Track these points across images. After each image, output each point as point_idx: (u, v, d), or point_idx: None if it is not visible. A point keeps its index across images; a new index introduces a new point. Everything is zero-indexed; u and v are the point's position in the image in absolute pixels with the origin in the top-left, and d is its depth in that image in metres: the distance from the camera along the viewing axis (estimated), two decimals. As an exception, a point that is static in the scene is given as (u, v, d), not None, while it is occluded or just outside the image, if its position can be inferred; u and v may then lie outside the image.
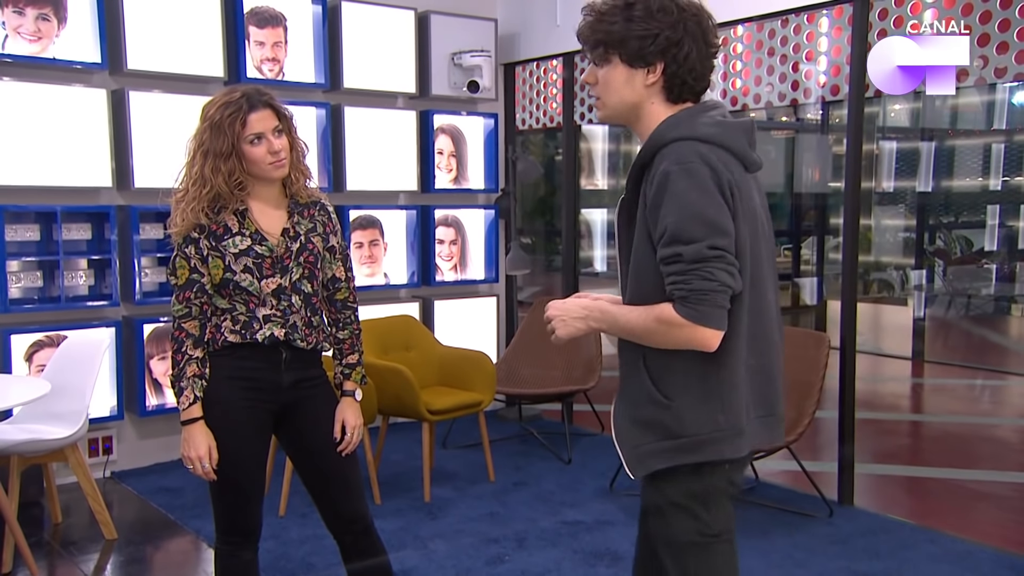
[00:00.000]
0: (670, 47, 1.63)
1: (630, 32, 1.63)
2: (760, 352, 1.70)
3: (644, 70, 1.66)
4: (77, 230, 4.24)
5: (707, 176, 1.57)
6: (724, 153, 1.62)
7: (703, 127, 1.62)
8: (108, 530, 3.60)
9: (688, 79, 1.66)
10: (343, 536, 2.33)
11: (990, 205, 9.69)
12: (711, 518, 1.72)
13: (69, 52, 4.10)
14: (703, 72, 1.68)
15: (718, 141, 1.62)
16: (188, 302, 2.16)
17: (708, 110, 1.68)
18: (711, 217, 1.55)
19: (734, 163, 1.63)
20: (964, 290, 9.40)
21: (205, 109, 2.15)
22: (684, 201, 1.56)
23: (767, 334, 1.71)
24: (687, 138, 1.61)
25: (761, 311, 1.69)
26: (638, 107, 1.70)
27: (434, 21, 5.13)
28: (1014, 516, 4.17)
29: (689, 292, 1.55)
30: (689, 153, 1.59)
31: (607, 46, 1.68)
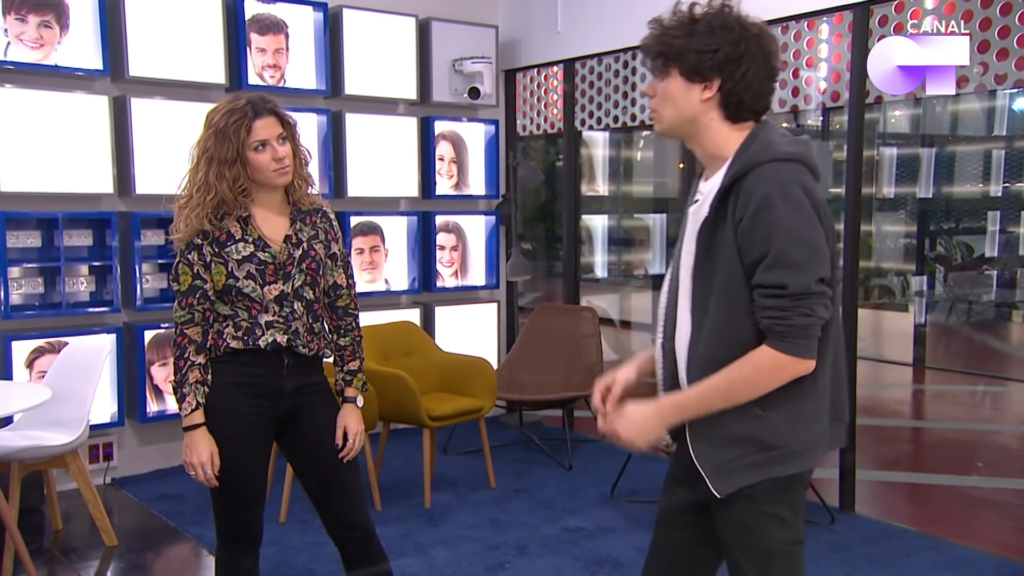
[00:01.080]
0: (728, 63, 1.64)
1: (690, 46, 1.65)
2: (835, 362, 1.71)
3: (701, 85, 1.66)
4: (78, 236, 4.24)
5: (804, 199, 1.58)
6: (805, 170, 1.63)
7: (788, 146, 1.64)
8: (108, 537, 3.60)
9: (745, 97, 1.66)
10: (344, 543, 2.33)
11: (991, 211, 9.69)
12: (799, 524, 1.72)
13: (71, 59, 4.11)
14: (761, 92, 1.68)
15: (801, 158, 1.63)
16: (191, 308, 2.16)
17: (776, 129, 1.69)
18: (813, 240, 1.57)
19: (811, 178, 1.64)
20: (965, 296, 9.39)
21: (210, 116, 2.15)
22: (786, 224, 1.56)
23: (839, 343, 1.73)
24: (779, 159, 1.61)
25: (838, 326, 1.72)
26: (694, 122, 1.70)
27: (435, 28, 5.14)
28: (1016, 523, 4.16)
29: (789, 328, 1.56)
30: (785, 175, 1.60)
31: (667, 58, 1.68)
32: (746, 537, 1.72)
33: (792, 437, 1.65)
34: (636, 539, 3.60)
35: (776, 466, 1.66)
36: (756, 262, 1.58)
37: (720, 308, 1.64)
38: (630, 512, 3.93)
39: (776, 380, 1.59)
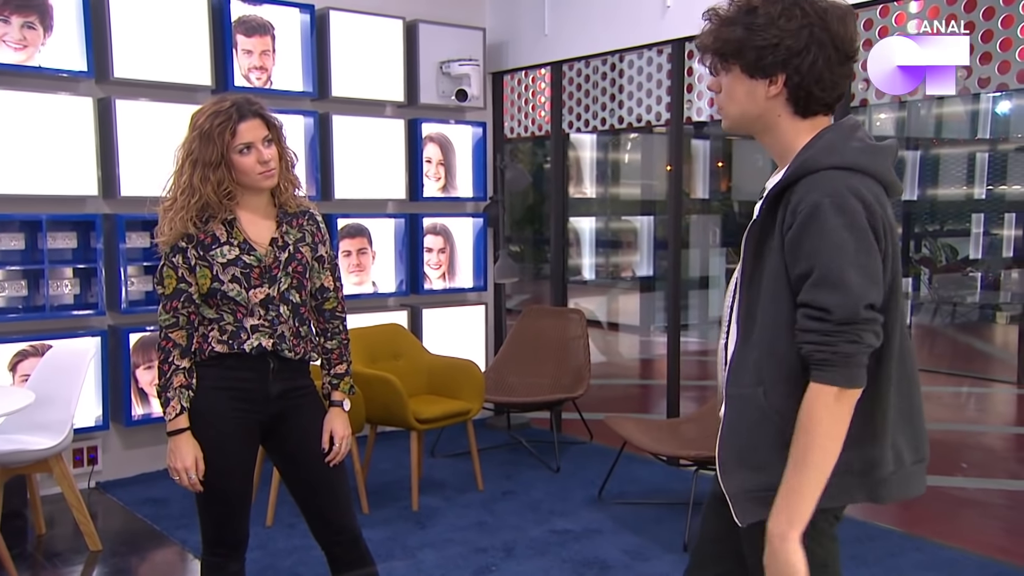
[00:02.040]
0: (791, 57, 1.50)
1: (749, 41, 1.52)
2: (904, 393, 1.57)
3: (765, 81, 1.53)
4: (62, 239, 4.21)
5: (861, 214, 1.43)
6: (874, 183, 1.49)
7: (856, 154, 1.49)
8: (92, 541, 3.57)
9: (815, 90, 1.52)
10: (331, 547, 2.32)
11: (975, 213, 9.78)
12: (833, 566, 1.61)
13: (55, 60, 4.08)
14: (834, 82, 1.53)
15: (870, 170, 1.49)
16: (175, 312, 2.15)
17: (855, 130, 1.54)
18: (864, 262, 1.42)
19: (881, 192, 1.50)
20: (949, 298, 9.47)
21: (194, 118, 2.14)
22: (836, 241, 1.42)
23: (908, 371, 1.58)
24: (841, 167, 1.47)
25: (906, 350, 1.56)
26: (763, 119, 1.57)
27: (422, 30, 5.14)
28: (999, 523, 4.19)
29: (832, 355, 1.41)
30: (843, 186, 1.44)
31: (725, 56, 1.56)
32: None
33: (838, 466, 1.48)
34: (623, 541, 3.61)
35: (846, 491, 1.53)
36: (801, 277, 1.45)
37: (765, 320, 1.53)
38: (618, 514, 3.93)
39: (839, 416, 1.43)
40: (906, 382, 1.57)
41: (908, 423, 1.58)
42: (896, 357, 1.53)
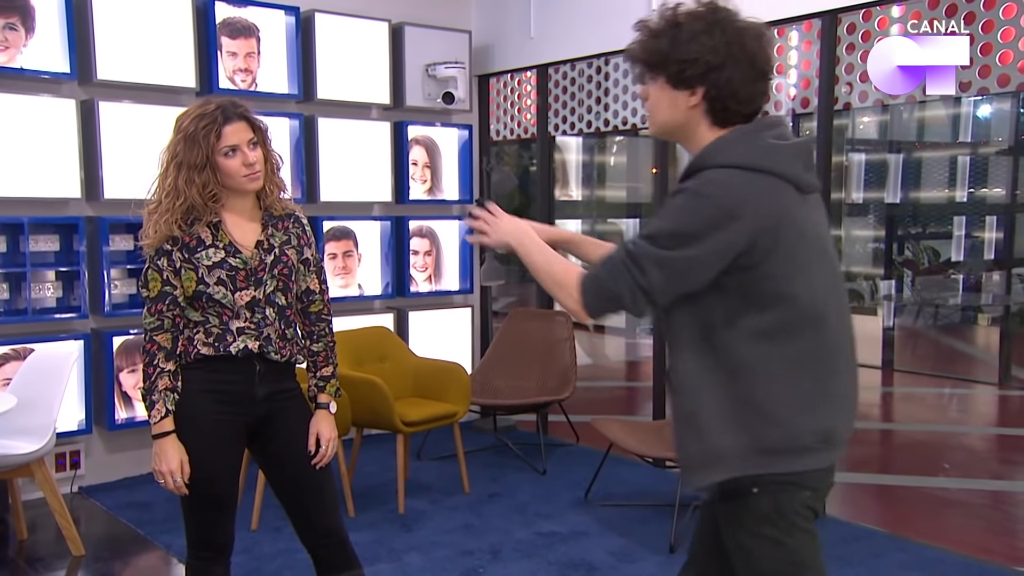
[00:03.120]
0: (710, 72, 1.60)
1: (673, 54, 1.62)
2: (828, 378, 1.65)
3: (686, 92, 1.63)
4: (45, 241, 4.18)
5: (720, 207, 1.54)
6: (770, 180, 1.57)
7: (747, 153, 1.59)
8: (75, 546, 3.54)
9: (731, 103, 1.62)
10: (318, 550, 2.32)
11: (956, 216, 9.86)
12: (797, 545, 1.67)
13: (37, 62, 4.05)
14: (749, 96, 1.63)
15: (763, 168, 1.57)
16: (160, 314, 2.14)
17: (762, 131, 1.63)
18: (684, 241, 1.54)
19: (784, 189, 1.58)
20: (932, 300, 9.54)
21: (179, 120, 2.13)
22: (676, 215, 1.57)
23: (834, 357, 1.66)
24: (728, 165, 1.58)
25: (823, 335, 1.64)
26: (684, 128, 1.68)
27: (408, 33, 5.13)
28: (982, 523, 4.23)
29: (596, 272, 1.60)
30: (714, 181, 1.56)
31: (651, 67, 1.67)
32: (747, 562, 1.69)
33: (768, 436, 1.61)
34: (610, 543, 3.62)
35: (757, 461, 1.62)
36: None
37: (672, 309, 1.66)
38: (604, 516, 3.94)
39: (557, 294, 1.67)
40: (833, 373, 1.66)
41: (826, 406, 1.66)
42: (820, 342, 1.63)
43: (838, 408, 1.67)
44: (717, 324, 1.60)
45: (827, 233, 1.72)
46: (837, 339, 1.66)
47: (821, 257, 1.64)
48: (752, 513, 1.65)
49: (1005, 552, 3.73)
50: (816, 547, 1.70)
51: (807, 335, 1.61)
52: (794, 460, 1.62)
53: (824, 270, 1.64)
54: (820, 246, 1.64)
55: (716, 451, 1.62)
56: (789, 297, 1.58)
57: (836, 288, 1.69)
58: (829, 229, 1.76)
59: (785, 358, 1.60)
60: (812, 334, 1.62)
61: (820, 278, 1.63)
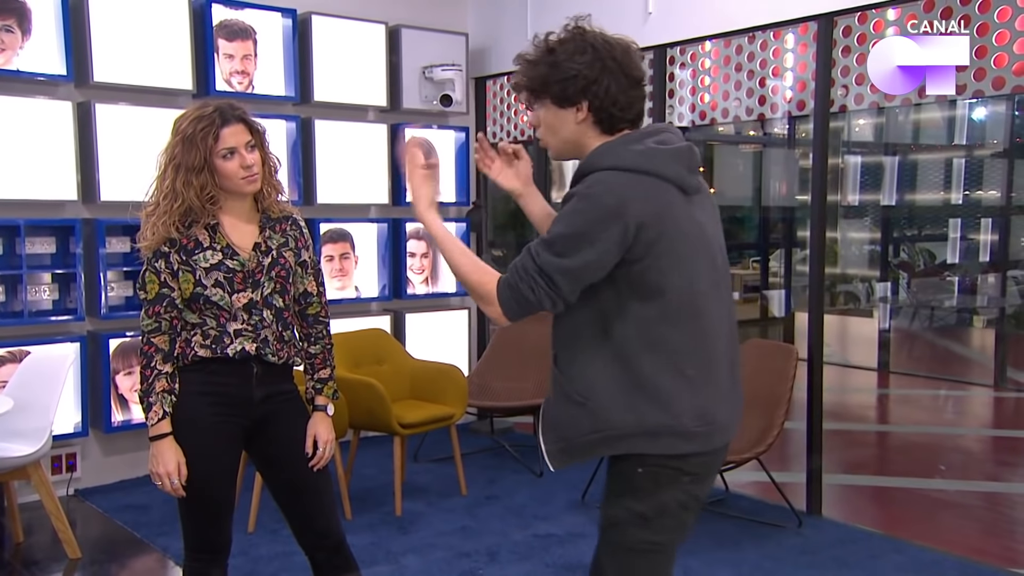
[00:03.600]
0: (589, 85, 1.76)
1: (553, 76, 1.78)
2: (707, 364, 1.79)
3: (572, 109, 1.79)
4: (41, 244, 4.17)
5: (603, 205, 1.68)
6: (651, 180, 1.71)
7: (629, 156, 1.73)
8: (72, 549, 3.53)
9: (614, 112, 1.78)
10: (315, 552, 2.31)
11: (952, 218, 9.87)
12: (662, 526, 1.81)
13: (34, 64, 4.04)
14: (629, 102, 1.79)
15: (644, 169, 1.71)
16: (158, 316, 2.14)
17: (644, 137, 1.78)
18: (580, 244, 1.67)
19: (665, 188, 1.72)
20: (928, 302, 9.55)
21: (177, 123, 2.14)
22: (571, 219, 1.70)
23: (712, 348, 1.79)
24: (610, 168, 1.72)
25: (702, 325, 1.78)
26: (579, 141, 1.82)
27: (405, 35, 5.14)
28: (978, 525, 4.24)
29: (515, 285, 1.73)
30: (597, 182, 1.71)
31: (535, 92, 1.83)
32: (609, 530, 1.85)
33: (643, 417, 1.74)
34: (607, 545, 3.61)
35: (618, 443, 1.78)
36: None
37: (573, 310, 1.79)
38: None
39: (476, 301, 1.81)
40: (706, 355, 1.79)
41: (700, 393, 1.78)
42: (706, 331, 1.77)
43: (718, 395, 1.80)
44: (610, 313, 1.75)
45: (714, 231, 1.84)
46: (716, 330, 1.80)
47: (702, 252, 1.78)
48: (630, 490, 1.80)
49: (1001, 554, 3.74)
50: (679, 536, 1.84)
51: (688, 325, 1.75)
52: (677, 442, 1.76)
53: (705, 265, 1.78)
54: (703, 242, 1.78)
55: (608, 430, 1.77)
56: (671, 289, 1.72)
57: (717, 282, 1.82)
58: (719, 227, 1.88)
59: (669, 345, 1.74)
60: (693, 324, 1.76)
61: (701, 272, 1.77)
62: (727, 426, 1.83)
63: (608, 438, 1.78)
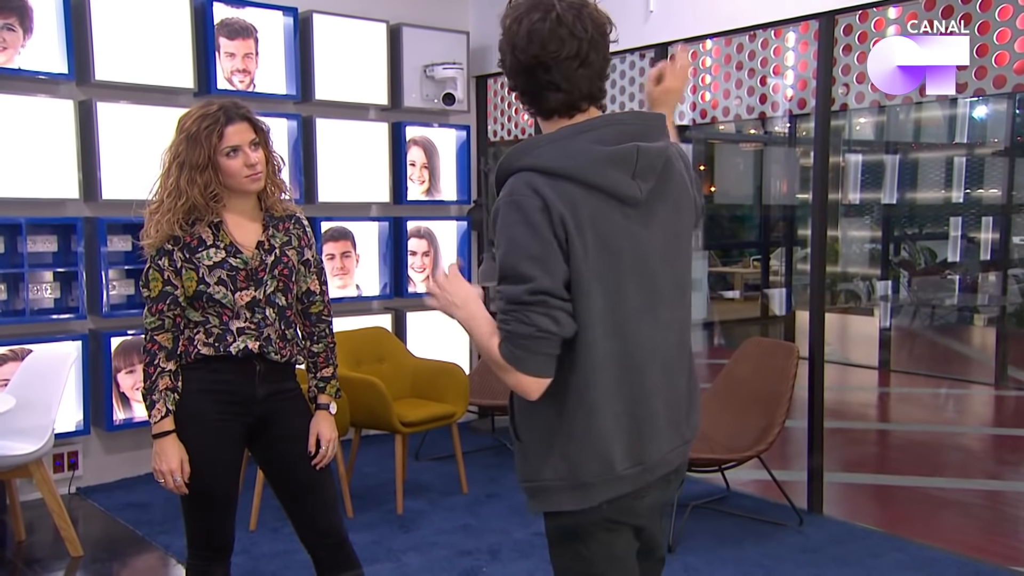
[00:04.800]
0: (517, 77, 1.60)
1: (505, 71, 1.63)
2: (629, 398, 1.58)
3: None
4: (43, 242, 4.18)
5: (535, 209, 1.49)
6: (572, 186, 1.50)
7: (551, 158, 1.52)
8: (73, 547, 3.54)
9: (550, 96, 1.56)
10: (317, 550, 2.32)
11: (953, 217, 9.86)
12: (588, 554, 1.65)
13: (35, 63, 4.04)
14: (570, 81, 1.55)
15: (566, 174, 1.51)
16: (161, 314, 2.14)
17: (580, 132, 1.54)
18: (534, 254, 1.48)
19: (591, 196, 1.51)
20: (928, 300, 9.56)
21: (181, 121, 2.14)
22: (509, 235, 1.50)
23: (636, 379, 1.58)
24: (528, 169, 1.53)
25: (627, 355, 1.57)
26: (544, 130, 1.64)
27: (406, 33, 5.14)
28: (978, 523, 4.24)
29: (509, 334, 1.50)
30: (522, 186, 1.51)
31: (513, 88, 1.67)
32: (550, 553, 1.74)
33: (543, 471, 1.61)
34: (608, 543, 3.62)
35: (536, 500, 1.65)
36: None
37: None
38: (602, 516, 3.94)
39: (500, 374, 1.54)
40: (632, 386, 1.58)
41: (627, 431, 1.59)
42: (610, 370, 1.55)
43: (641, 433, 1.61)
44: None
45: (661, 244, 1.60)
46: (650, 359, 1.60)
47: (621, 274, 1.55)
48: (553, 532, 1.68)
49: (1001, 552, 3.74)
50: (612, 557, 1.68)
51: (612, 358, 1.55)
52: (607, 489, 1.60)
53: (634, 287, 1.56)
54: (618, 263, 1.54)
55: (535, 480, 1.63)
56: (585, 311, 1.52)
57: (654, 305, 1.60)
58: (676, 239, 1.65)
59: (590, 382, 1.55)
60: (618, 357, 1.56)
61: (628, 295, 1.55)
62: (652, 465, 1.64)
63: (539, 489, 1.62)
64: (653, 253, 1.59)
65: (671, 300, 1.65)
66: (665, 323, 1.63)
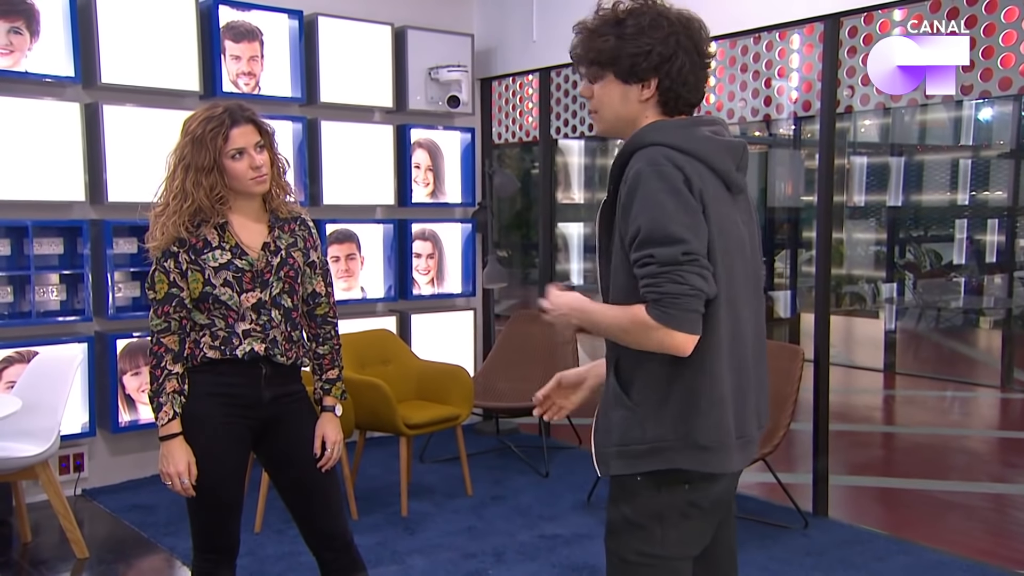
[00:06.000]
0: (663, 63, 1.64)
1: (623, 50, 1.64)
2: (735, 368, 1.66)
3: (639, 86, 1.67)
4: (49, 244, 4.19)
5: (678, 179, 1.56)
6: (701, 166, 1.61)
7: (685, 139, 1.62)
8: (79, 549, 3.54)
9: (683, 92, 1.67)
10: (323, 553, 2.32)
11: (958, 219, 9.85)
12: (664, 537, 1.67)
13: (42, 66, 4.06)
14: (697, 84, 1.69)
15: (697, 154, 1.61)
16: (167, 316, 2.15)
17: (700, 124, 1.67)
18: (684, 220, 1.55)
19: (711, 179, 1.62)
20: (934, 303, 9.53)
21: (187, 123, 2.15)
22: (656, 201, 1.55)
23: (741, 352, 1.67)
24: (664, 144, 1.61)
25: (736, 326, 1.66)
26: (635, 121, 1.69)
27: (411, 36, 5.15)
28: (984, 527, 4.23)
29: (661, 295, 1.53)
30: (661, 157, 1.58)
31: (600, 64, 1.68)
32: (608, 537, 1.74)
33: (654, 433, 1.62)
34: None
35: (641, 460, 1.64)
36: (632, 239, 1.58)
37: (616, 291, 1.66)
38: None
39: (650, 341, 1.56)
40: (736, 359, 1.66)
41: (735, 402, 1.67)
42: (726, 340, 1.63)
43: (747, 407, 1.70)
44: None
45: (750, 233, 1.73)
46: (747, 340, 1.69)
47: (731, 254, 1.63)
48: (626, 496, 1.69)
49: (1008, 555, 3.73)
50: (682, 549, 1.71)
51: (728, 331, 1.63)
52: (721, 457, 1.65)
53: (740, 267, 1.65)
54: (730, 243, 1.63)
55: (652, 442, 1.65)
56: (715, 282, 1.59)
57: (751, 288, 1.71)
58: (756, 231, 1.77)
59: (715, 350, 1.61)
60: (732, 331, 1.64)
61: (736, 273, 1.64)
62: (752, 437, 1.73)
63: (651, 451, 1.64)
64: (746, 241, 1.70)
65: (756, 288, 1.75)
66: (754, 309, 1.73)
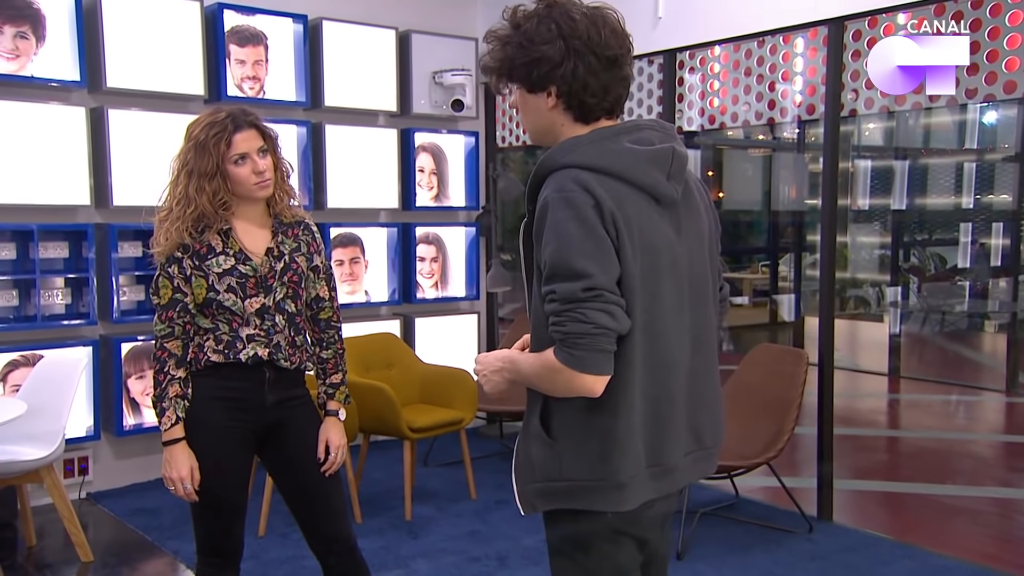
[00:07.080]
0: (553, 69, 1.54)
1: (516, 60, 1.57)
2: (654, 398, 1.57)
3: (543, 95, 1.58)
4: (54, 248, 4.20)
5: (587, 205, 1.47)
6: (619, 184, 1.51)
7: (599, 155, 1.52)
8: (84, 552, 3.55)
9: (586, 98, 1.56)
10: (326, 557, 2.32)
11: (963, 223, 9.83)
12: (592, 566, 1.63)
13: (47, 70, 4.07)
14: (604, 87, 1.57)
15: (612, 171, 1.51)
16: (171, 322, 2.15)
17: (620, 134, 1.56)
18: (589, 251, 1.46)
19: (633, 196, 1.52)
20: (938, 306, 9.51)
21: (190, 129, 2.15)
22: (561, 232, 1.47)
23: (662, 379, 1.57)
24: (575, 165, 1.52)
25: (657, 353, 1.56)
26: (552, 131, 1.62)
27: (415, 40, 5.16)
28: (989, 531, 4.22)
29: (565, 335, 1.46)
30: (570, 181, 1.49)
31: (501, 75, 1.62)
32: (550, 562, 1.71)
33: (572, 471, 1.57)
34: (617, 550, 3.61)
35: (561, 499, 1.61)
36: (540, 269, 1.53)
37: (535, 317, 1.60)
38: (610, 523, 3.93)
39: (562, 386, 1.50)
40: (656, 385, 1.57)
41: (656, 426, 1.58)
42: (639, 357, 1.53)
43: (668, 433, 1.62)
44: None
45: (692, 246, 1.62)
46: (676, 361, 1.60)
47: (657, 273, 1.54)
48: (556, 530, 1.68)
49: (1013, 560, 3.72)
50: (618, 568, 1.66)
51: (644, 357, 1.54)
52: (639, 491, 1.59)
53: (655, 289, 1.54)
54: (656, 261, 1.54)
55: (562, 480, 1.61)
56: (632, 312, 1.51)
57: (681, 307, 1.60)
58: (702, 240, 1.66)
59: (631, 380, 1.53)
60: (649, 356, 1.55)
61: (654, 297, 1.54)
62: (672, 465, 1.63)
63: (570, 489, 1.59)
64: (683, 255, 1.60)
65: (698, 304, 1.64)
66: (691, 326, 1.63)
